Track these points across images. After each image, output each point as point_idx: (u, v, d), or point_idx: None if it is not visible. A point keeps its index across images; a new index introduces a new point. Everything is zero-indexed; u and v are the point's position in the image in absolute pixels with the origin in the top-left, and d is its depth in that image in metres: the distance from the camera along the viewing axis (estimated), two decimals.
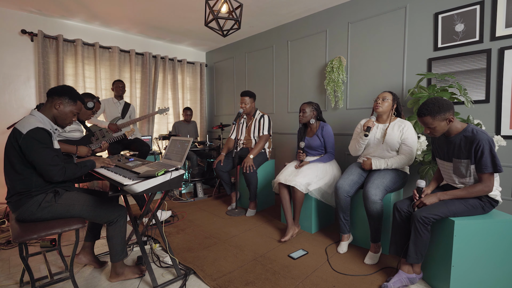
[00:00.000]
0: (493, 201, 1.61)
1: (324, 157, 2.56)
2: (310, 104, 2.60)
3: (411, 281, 1.67)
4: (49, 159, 1.48)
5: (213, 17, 2.15)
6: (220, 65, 4.85)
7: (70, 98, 1.63)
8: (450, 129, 1.60)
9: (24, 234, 1.40)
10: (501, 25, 2.14)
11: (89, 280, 1.80)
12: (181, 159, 1.70)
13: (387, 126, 2.13)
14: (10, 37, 3.21)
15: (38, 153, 1.46)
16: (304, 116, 2.59)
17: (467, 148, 1.56)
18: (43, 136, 1.48)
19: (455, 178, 1.67)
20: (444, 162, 1.72)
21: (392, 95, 2.14)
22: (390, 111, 2.14)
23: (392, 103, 2.12)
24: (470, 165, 1.56)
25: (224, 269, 1.88)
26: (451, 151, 1.64)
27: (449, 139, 1.64)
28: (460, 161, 1.60)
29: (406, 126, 2.07)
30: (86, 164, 1.70)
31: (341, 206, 2.12)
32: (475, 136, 1.52)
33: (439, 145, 1.74)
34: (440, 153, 1.74)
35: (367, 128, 2.09)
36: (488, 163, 1.49)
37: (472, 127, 1.57)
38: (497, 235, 1.55)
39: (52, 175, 1.49)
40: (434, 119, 1.55)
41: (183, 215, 3.01)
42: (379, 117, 2.21)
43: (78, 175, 1.63)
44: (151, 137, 4.01)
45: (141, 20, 3.56)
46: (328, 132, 2.56)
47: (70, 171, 1.56)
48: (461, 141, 1.58)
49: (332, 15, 3.19)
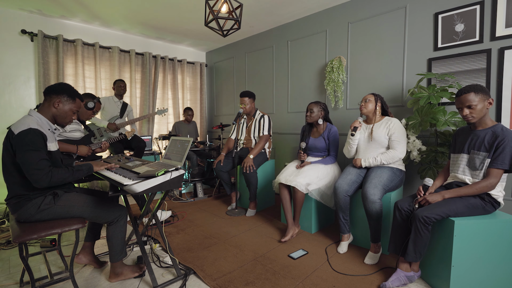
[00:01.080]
0: (495, 202, 1.61)
1: (326, 159, 2.55)
2: (318, 103, 2.56)
3: (410, 279, 1.68)
4: (33, 162, 1.39)
5: (213, 17, 2.15)
6: (220, 65, 4.85)
7: (68, 95, 1.59)
8: (483, 119, 1.61)
9: (24, 234, 1.40)
10: (501, 25, 2.14)
11: (89, 280, 1.80)
12: (181, 159, 1.70)
13: (373, 125, 2.22)
14: (10, 37, 3.21)
15: (23, 155, 1.39)
16: (312, 116, 2.55)
17: (490, 142, 1.57)
18: (32, 138, 1.41)
19: (466, 170, 1.67)
20: (460, 154, 1.72)
21: (374, 96, 2.22)
22: (374, 111, 2.21)
23: (375, 103, 2.20)
24: (486, 158, 1.57)
25: (224, 269, 1.88)
26: (473, 143, 1.65)
27: (475, 132, 1.65)
28: (478, 153, 1.61)
29: (393, 122, 2.14)
30: (82, 168, 1.60)
31: (341, 206, 2.13)
32: (503, 133, 1.53)
33: (461, 140, 1.74)
34: (459, 147, 1.74)
35: (354, 128, 2.18)
36: (506, 160, 1.50)
37: (502, 126, 1.58)
38: (497, 235, 1.55)
39: (35, 179, 1.40)
40: (477, 96, 1.56)
41: (183, 215, 3.01)
42: (366, 118, 2.30)
43: (69, 180, 1.52)
44: (151, 137, 4.01)
45: (141, 20, 3.56)
46: (335, 134, 2.55)
47: (58, 176, 1.46)
48: (487, 135, 1.59)
49: (332, 15, 3.19)
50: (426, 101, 2.18)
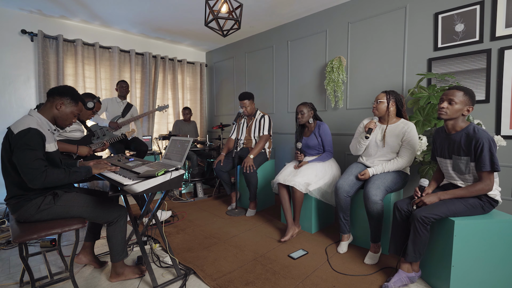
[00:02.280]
0: (493, 201, 1.61)
1: (322, 156, 2.56)
2: (306, 104, 2.60)
3: (411, 280, 1.68)
4: (29, 161, 1.38)
5: (213, 17, 2.15)
6: (220, 65, 4.85)
7: (72, 99, 1.60)
8: (456, 122, 1.61)
9: (24, 234, 1.40)
10: (501, 25, 2.14)
11: (89, 280, 1.80)
12: (181, 159, 1.70)
13: (386, 127, 2.10)
14: (10, 37, 3.21)
15: (18, 154, 1.38)
16: (303, 117, 2.58)
17: (467, 145, 1.57)
18: (30, 137, 1.40)
19: (454, 174, 1.68)
20: (443, 159, 1.73)
21: (386, 94, 2.06)
22: (387, 112, 2.07)
23: (388, 103, 2.04)
24: (470, 162, 1.57)
25: (224, 269, 1.88)
26: (451, 148, 1.65)
27: (451, 136, 1.65)
28: (459, 158, 1.61)
29: (409, 128, 2.00)
30: (79, 170, 1.58)
31: (341, 206, 2.13)
32: (475, 134, 1.53)
33: (440, 143, 1.74)
34: (440, 151, 1.74)
35: (369, 130, 2.07)
36: (486, 161, 1.50)
37: (474, 126, 1.58)
38: (497, 235, 1.55)
39: (30, 179, 1.39)
40: (463, 96, 1.56)
41: (183, 215, 3.01)
42: (380, 118, 2.16)
43: (64, 182, 1.50)
44: (151, 137, 4.01)
45: (141, 20, 3.56)
46: (325, 130, 2.56)
47: (52, 177, 1.43)
48: (462, 138, 1.59)
49: (332, 15, 3.19)
50: (426, 101, 2.18)
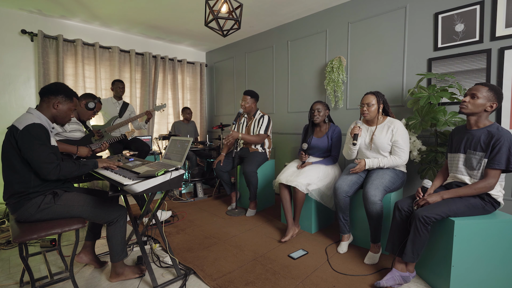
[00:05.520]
0: (495, 202, 1.61)
1: (328, 159, 2.54)
2: (322, 103, 2.54)
3: (405, 280, 1.67)
4: (43, 156, 1.44)
5: (213, 17, 2.15)
6: (220, 65, 4.85)
7: (66, 96, 1.62)
8: (480, 119, 1.61)
9: (24, 234, 1.40)
10: (501, 25, 2.14)
11: (89, 280, 1.80)
12: (181, 159, 1.70)
13: (374, 128, 2.12)
14: (10, 37, 3.21)
15: (32, 150, 1.43)
16: (320, 115, 2.51)
17: (486, 142, 1.57)
18: (39, 132, 1.45)
19: (463, 169, 1.67)
20: (455, 154, 1.72)
21: (375, 96, 2.09)
22: (377, 114, 2.11)
23: (378, 105, 2.09)
24: (483, 158, 1.57)
25: (224, 269, 1.88)
26: (468, 143, 1.65)
27: (471, 132, 1.65)
28: (474, 153, 1.61)
29: (396, 126, 2.04)
30: (87, 163, 1.65)
31: (340, 206, 2.12)
32: (499, 132, 1.53)
33: (457, 139, 1.74)
34: (455, 147, 1.74)
35: (354, 136, 2.08)
36: (502, 160, 1.50)
37: (498, 125, 1.58)
38: (497, 235, 1.55)
39: (46, 173, 1.46)
40: (487, 92, 1.56)
41: (183, 215, 3.01)
42: (368, 120, 2.19)
43: (75, 174, 1.58)
44: (151, 137, 4.01)
45: (141, 20, 3.56)
46: (338, 134, 2.53)
47: (66, 169, 1.52)
48: (483, 134, 1.59)
49: (332, 15, 3.19)
50: (426, 101, 2.18)
